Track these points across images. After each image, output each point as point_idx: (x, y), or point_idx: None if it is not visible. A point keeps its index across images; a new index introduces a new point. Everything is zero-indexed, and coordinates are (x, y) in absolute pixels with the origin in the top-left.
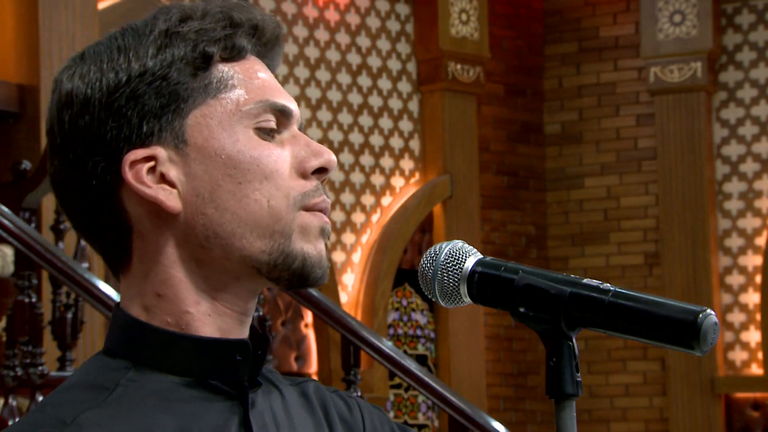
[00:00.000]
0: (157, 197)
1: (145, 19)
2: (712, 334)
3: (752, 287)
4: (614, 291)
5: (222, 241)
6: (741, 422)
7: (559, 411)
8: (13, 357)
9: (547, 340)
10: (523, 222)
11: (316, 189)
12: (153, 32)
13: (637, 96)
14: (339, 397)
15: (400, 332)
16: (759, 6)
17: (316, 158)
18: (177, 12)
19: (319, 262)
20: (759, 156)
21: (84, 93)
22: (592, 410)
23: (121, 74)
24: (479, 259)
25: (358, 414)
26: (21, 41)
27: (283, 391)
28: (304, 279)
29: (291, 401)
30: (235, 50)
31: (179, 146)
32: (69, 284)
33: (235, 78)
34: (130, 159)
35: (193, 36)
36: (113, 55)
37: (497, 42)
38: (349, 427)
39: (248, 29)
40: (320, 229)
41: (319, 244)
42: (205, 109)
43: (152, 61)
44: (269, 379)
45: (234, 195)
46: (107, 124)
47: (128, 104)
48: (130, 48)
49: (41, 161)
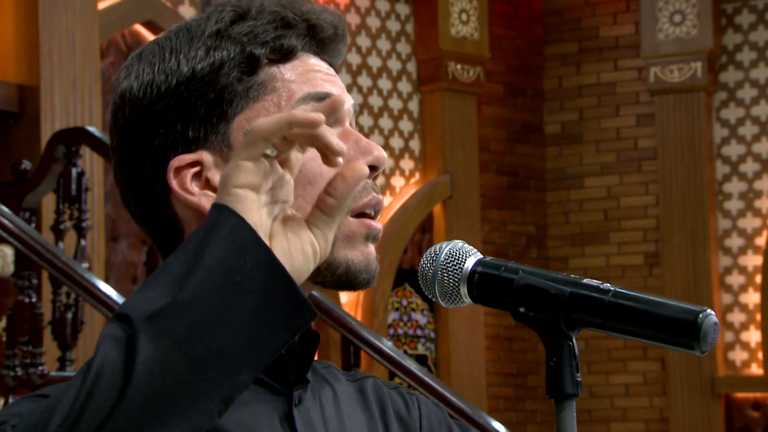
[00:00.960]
0: (199, 203)
1: (201, 17)
2: (713, 334)
3: (752, 287)
4: (614, 291)
5: None
6: (741, 422)
7: (559, 411)
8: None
9: (547, 340)
10: (523, 222)
11: (363, 189)
12: (204, 33)
13: (637, 96)
14: (398, 395)
15: (400, 332)
16: (759, 6)
17: (364, 157)
18: (230, 11)
19: (365, 267)
20: (759, 156)
21: (136, 95)
22: (593, 410)
23: (170, 77)
24: (479, 259)
25: (415, 413)
26: (21, 41)
27: (337, 387)
28: (349, 284)
29: (345, 398)
30: (284, 51)
31: (225, 151)
32: (69, 284)
33: (280, 80)
34: (174, 165)
35: (242, 38)
36: (165, 56)
37: (497, 42)
38: (406, 426)
39: (302, 29)
40: (365, 235)
41: (367, 248)
42: (250, 113)
43: (200, 64)
44: (323, 375)
45: None
46: (155, 130)
47: (175, 110)
48: (182, 49)
49: (41, 161)
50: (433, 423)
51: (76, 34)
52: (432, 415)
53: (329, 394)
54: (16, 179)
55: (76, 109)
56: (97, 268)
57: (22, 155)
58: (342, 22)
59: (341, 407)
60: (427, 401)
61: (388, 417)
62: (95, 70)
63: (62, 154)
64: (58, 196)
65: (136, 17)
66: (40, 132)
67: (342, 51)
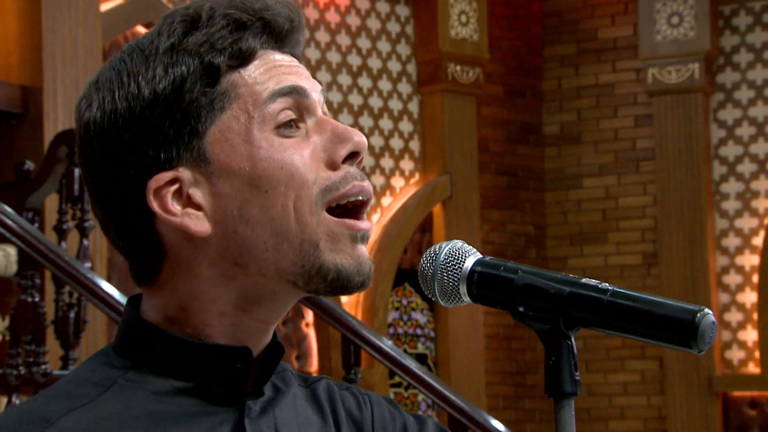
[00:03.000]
0: (182, 224)
1: (151, 33)
2: (710, 333)
3: (749, 287)
4: (613, 290)
5: (256, 257)
6: (738, 420)
7: (558, 410)
8: (17, 356)
9: (546, 339)
10: (523, 222)
11: (342, 179)
12: (158, 50)
13: (636, 97)
14: (351, 394)
15: (400, 331)
16: (756, 8)
17: (342, 145)
18: (180, 22)
19: (357, 270)
20: (756, 157)
21: (100, 127)
22: (591, 409)
23: (133, 103)
24: (479, 258)
25: (368, 412)
26: (24, 43)
27: (292, 394)
28: (343, 288)
29: (299, 405)
30: (243, 55)
31: (202, 166)
32: (72, 284)
33: (243, 84)
34: (153, 187)
35: (198, 49)
36: (123, 81)
37: (497, 43)
38: (358, 425)
39: (257, 28)
40: (351, 237)
41: (355, 250)
42: (221, 125)
43: (161, 84)
44: (277, 383)
45: (262, 206)
46: (127, 159)
47: (144, 136)
48: (138, 71)
49: (44, 162)
50: (386, 420)
51: (78, 36)
52: (385, 413)
53: (286, 403)
54: (19, 179)
55: None
56: (100, 268)
57: (25, 156)
58: (297, 11)
59: (296, 413)
60: (380, 400)
61: (339, 418)
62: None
63: (65, 154)
64: (61, 197)
65: (138, 19)
66: (43, 133)
67: (301, 41)
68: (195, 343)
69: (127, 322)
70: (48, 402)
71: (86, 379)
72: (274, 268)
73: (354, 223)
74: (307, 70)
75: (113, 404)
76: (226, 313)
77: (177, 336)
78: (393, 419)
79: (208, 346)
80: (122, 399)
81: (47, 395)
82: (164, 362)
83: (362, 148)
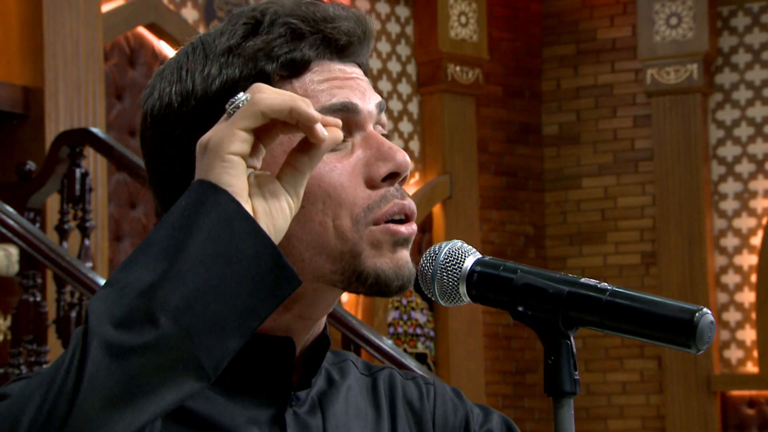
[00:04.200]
0: None
1: (217, 29)
2: (709, 332)
3: (748, 286)
4: (612, 290)
5: (294, 264)
6: (736, 420)
7: (557, 409)
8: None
9: (546, 338)
10: (522, 222)
11: (383, 198)
12: (217, 49)
13: (634, 97)
14: (414, 385)
15: (400, 331)
16: (754, 9)
17: (384, 163)
18: (242, 25)
19: (396, 274)
20: (754, 157)
21: (156, 117)
22: (590, 408)
23: (186, 99)
24: (478, 258)
25: (428, 403)
26: (26, 43)
27: (347, 384)
28: (381, 292)
29: (352, 397)
30: (296, 65)
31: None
32: (73, 283)
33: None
34: None
35: (253, 54)
36: (182, 76)
37: (496, 44)
38: (418, 417)
39: (314, 39)
40: (393, 242)
41: (396, 254)
42: None
43: (214, 85)
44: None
45: (298, 221)
46: (175, 154)
47: (191, 135)
48: (197, 69)
49: (45, 162)
50: (447, 412)
51: (80, 37)
52: (447, 404)
53: (336, 393)
54: (21, 180)
55: (80, 110)
56: (101, 268)
57: (26, 156)
58: (362, 23)
59: (347, 406)
60: (445, 390)
61: (396, 409)
62: (99, 72)
63: (66, 154)
64: (63, 197)
65: (139, 20)
66: (45, 133)
67: (361, 52)
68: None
69: None
70: None
71: None
72: (311, 275)
73: (397, 228)
74: (368, 81)
75: None
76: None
77: None
78: (455, 411)
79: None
80: None
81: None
82: None
83: (404, 168)
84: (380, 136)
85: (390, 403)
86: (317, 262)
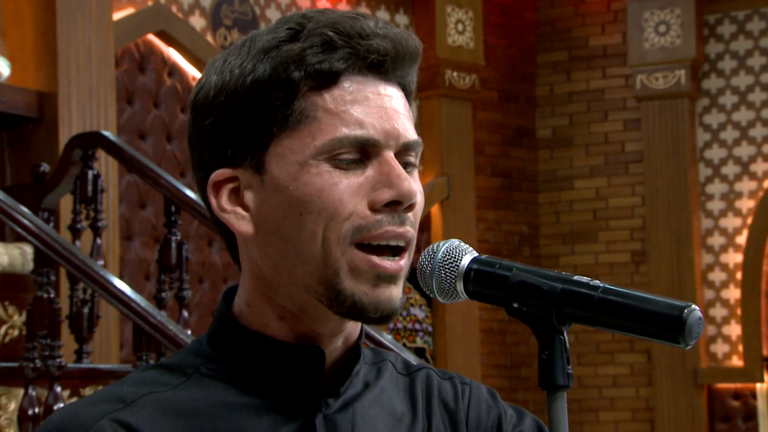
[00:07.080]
0: (228, 220)
1: (267, 28)
2: (697, 328)
3: (733, 283)
4: (603, 287)
5: (287, 270)
6: (722, 411)
7: (550, 401)
8: (33, 350)
9: (540, 334)
10: (517, 222)
11: (377, 222)
12: (258, 48)
13: (624, 102)
14: (451, 385)
15: (400, 326)
16: (740, 17)
17: (388, 190)
18: (286, 30)
19: (375, 307)
20: (739, 159)
21: (197, 106)
22: (582, 400)
23: (221, 92)
24: (475, 257)
25: (463, 403)
26: (40, 50)
27: (380, 388)
28: (360, 318)
29: (386, 399)
30: (323, 77)
31: (259, 173)
32: (85, 281)
33: (318, 109)
34: (214, 180)
35: (286, 59)
36: (224, 69)
37: (492, 51)
38: (452, 416)
39: (346, 53)
40: (374, 275)
41: (378, 289)
42: (285, 141)
43: (246, 81)
44: (367, 376)
45: (295, 227)
46: (205, 144)
47: (218, 128)
48: (236, 63)
49: (59, 164)
50: (481, 413)
51: (92, 44)
52: (481, 404)
53: (369, 395)
54: (35, 181)
55: (92, 114)
56: (112, 266)
57: (40, 158)
58: (398, 46)
59: (381, 407)
60: (480, 391)
61: (432, 409)
62: (110, 77)
63: (79, 157)
64: (75, 197)
65: (148, 27)
66: (58, 136)
67: (399, 72)
68: (266, 339)
69: (217, 312)
70: (133, 385)
71: (176, 366)
72: (301, 283)
73: (378, 262)
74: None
75: (192, 392)
76: (284, 317)
77: (250, 329)
78: (489, 411)
79: (280, 343)
80: (200, 387)
81: (135, 379)
82: (242, 355)
83: (407, 198)
84: (394, 163)
85: (426, 403)
86: (306, 270)
